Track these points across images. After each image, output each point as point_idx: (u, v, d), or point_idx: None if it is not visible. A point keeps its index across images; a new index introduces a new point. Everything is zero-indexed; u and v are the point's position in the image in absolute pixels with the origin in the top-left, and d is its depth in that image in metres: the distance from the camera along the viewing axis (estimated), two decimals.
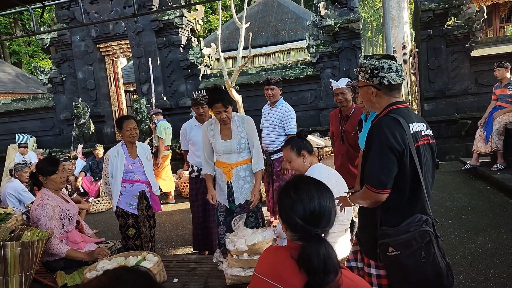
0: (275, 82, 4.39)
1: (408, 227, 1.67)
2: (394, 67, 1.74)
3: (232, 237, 2.42)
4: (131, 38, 9.14)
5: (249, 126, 3.14)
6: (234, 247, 2.32)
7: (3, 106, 10.49)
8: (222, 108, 2.98)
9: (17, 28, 23.31)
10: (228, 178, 3.14)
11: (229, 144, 3.10)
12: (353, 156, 3.53)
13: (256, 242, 2.28)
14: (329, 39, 8.37)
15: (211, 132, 3.18)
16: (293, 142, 2.61)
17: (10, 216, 2.60)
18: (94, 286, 0.55)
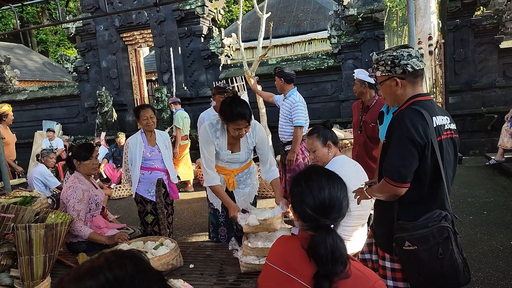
0: (277, 72, 4.34)
1: (426, 222, 1.64)
2: (414, 53, 1.71)
3: (244, 214, 2.44)
4: (153, 27, 9.23)
5: (261, 135, 2.77)
6: (246, 222, 2.33)
7: (31, 94, 10.85)
8: (245, 125, 2.53)
9: (44, 18, 23.92)
10: (232, 188, 2.84)
11: (237, 157, 2.77)
12: (370, 147, 3.50)
13: (267, 218, 2.27)
14: (351, 29, 8.22)
15: (216, 139, 2.71)
16: (319, 131, 2.58)
17: (35, 199, 2.72)
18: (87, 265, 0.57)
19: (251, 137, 2.75)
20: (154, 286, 0.56)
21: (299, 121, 4.15)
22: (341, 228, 2.31)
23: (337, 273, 1.13)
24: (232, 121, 2.53)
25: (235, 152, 2.76)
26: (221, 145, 2.73)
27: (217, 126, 2.71)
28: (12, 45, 18.83)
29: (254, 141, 2.76)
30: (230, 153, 2.75)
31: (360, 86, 3.47)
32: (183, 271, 2.46)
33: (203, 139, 2.73)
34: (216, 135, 2.70)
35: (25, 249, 2.14)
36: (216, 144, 2.72)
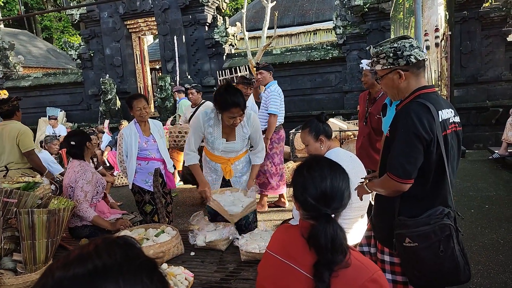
0: (263, 67, 4.56)
1: (429, 219, 1.61)
2: (415, 44, 1.66)
3: (196, 231, 2.61)
4: (157, 15, 9.17)
5: (255, 124, 2.83)
6: (194, 241, 2.55)
7: (35, 80, 10.86)
8: (239, 113, 2.59)
9: (49, 4, 23.80)
10: (229, 176, 2.91)
11: (232, 146, 2.82)
12: (374, 139, 3.49)
13: (213, 240, 2.50)
14: (357, 20, 8.13)
15: (209, 128, 2.77)
16: (312, 125, 2.55)
17: (38, 184, 2.73)
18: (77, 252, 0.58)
19: (246, 126, 2.79)
20: (144, 273, 0.56)
21: (272, 109, 4.35)
22: (340, 219, 2.31)
23: (337, 262, 1.13)
24: (226, 110, 2.56)
25: (230, 140, 2.80)
26: (215, 134, 2.77)
27: (210, 115, 2.74)
28: (16, 31, 18.78)
29: (248, 130, 2.81)
30: (225, 141, 2.79)
31: (372, 77, 3.44)
32: (184, 259, 2.48)
33: (193, 125, 2.82)
34: (209, 124, 2.75)
35: (28, 234, 2.16)
36: (210, 133, 2.77)
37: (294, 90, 8.79)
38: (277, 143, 4.61)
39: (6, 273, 2.13)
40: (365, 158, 3.17)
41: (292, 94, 8.70)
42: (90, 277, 0.52)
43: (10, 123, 3.56)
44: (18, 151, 3.54)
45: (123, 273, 0.54)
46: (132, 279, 0.54)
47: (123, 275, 0.54)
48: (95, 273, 0.53)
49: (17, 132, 3.51)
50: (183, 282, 2.07)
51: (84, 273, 0.53)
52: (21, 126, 3.63)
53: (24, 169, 3.58)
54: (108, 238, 0.61)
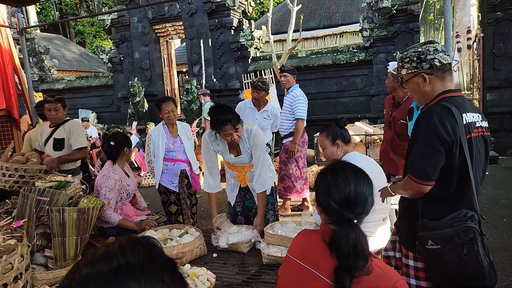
0: (288, 70, 4.56)
1: (452, 222, 1.60)
2: (440, 48, 1.67)
3: (219, 233, 2.65)
4: (184, 19, 9.36)
5: (255, 142, 2.75)
6: (216, 243, 2.58)
7: (68, 83, 11.30)
8: (232, 130, 2.58)
9: (82, 9, 24.76)
10: (244, 184, 2.94)
11: (240, 160, 2.85)
12: (397, 144, 3.42)
13: (235, 242, 2.53)
14: (384, 22, 8.00)
15: (217, 147, 2.83)
16: (330, 129, 2.56)
17: (69, 184, 2.85)
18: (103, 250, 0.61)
19: (247, 142, 2.78)
20: (165, 273, 0.58)
21: (300, 114, 4.34)
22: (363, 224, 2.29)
23: (358, 268, 1.12)
24: (219, 128, 2.61)
25: (237, 156, 2.84)
26: (223, 151, 2.83)
27: (215, 135, 2.78)
28: (51, 35, 19.63)
29: (250, 146, 2.78)
30: (233, 156, 2.84)
31: (393, 81, 3.39)
32: (207, 260, 2.51)
33: (203, 147, 2.87)
34: (216, 143, 2.82)
35: (59, 231, 2.26)
36: (218, 150, 2.85)
37: (319, 93, 8.73)
38: (301, 147, 4.60)
39: (38, 268, 2.24)
40: (386, 162, 3.13)
41: (317, 97, 8.65)
42: (115, 274, 0.55)
43: None
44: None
45: (145, 271, 0.56)
46: (154, 278, 0.57)
47: (145, 274, 0.56)
48: (119, 271, 0.55)
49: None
50: (205, 283, 2.10)
51: (109, 270, 0.55)
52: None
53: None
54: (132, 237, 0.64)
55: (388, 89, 3.49)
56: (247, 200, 3.09)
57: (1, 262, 1.74)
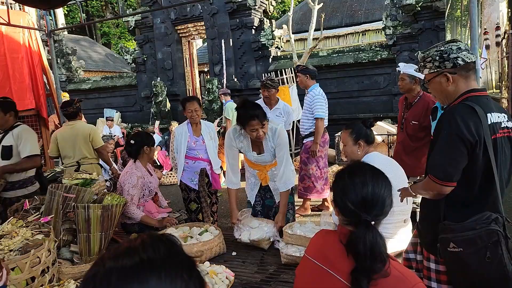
0: (300, 70, 4.54)
1: (474, 224, 1.57)
2: (463, 46, 1.63)
3: (241, 225, 2.70)
4: (206, 19, 9.45)
5: (279, 141, 2.76)
6: (239, 236, 2.63)
7: (94, 83, 11.63)
8: (259, 125, 2.60)
9: (107, 11, 25.38)
10: (265, 182, 2.96)
11: (262, 158, 2.86)
12: (409, 145, 3.38)
13: (255, 239, 2.57)
14: (408, 19, 7.82)
15: (240, 143, 2.86)
16: (355, 127, 2.54)
17: (94, 181, 2.94)
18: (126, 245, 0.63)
19: (271, 141, 2.79)
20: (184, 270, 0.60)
21: (319, 113, 4.32)
22: (382, 226, 2.26)
23: (375, 270, 1.12)
24: (246, 124, 2.63)
25: (260, 153, 2.86)
26: (246, 148, 2.86)
27: (240, 131, 2.81)
28: (78, 37, 20.22)
29: (274, 144, 2.79)
30: (255, 154, 2.86)
31: (410, 82, 3.33)
32: (226, 258, 2.55)
33: (226, 143, 2.90)
34: (240, 139, 2.85)
35: (84, 227, 2.34)
36: (241, 147, 2.88)
37: (340, 92, 8.64)
38: (322, 146, 4.57)
39: (64, 262, 2.32)
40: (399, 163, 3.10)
41: (338, 97, 8.56)
42: (136, 269, 0.58)
43: (77, 123, 3.86)
44: (90, 148, 3.84)
45: (165, 267, 0.59)
46: (173, 274, 0.59)
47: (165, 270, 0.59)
48: (141, 266, 0.58)
49: (89, 131, 3.83)
50: (224, 280, 2.13)
51: (131, 265, 0.58)
52: (90, 125, 3.97)
53: (95, 164, 3.91)
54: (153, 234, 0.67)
55: (403, 90, 3.43)
56: (267, 199, 3.10)
57: (29, 256, 1.82)
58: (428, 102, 3.30)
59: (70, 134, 3.81)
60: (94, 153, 3.88)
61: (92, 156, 3.86)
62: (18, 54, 4.67)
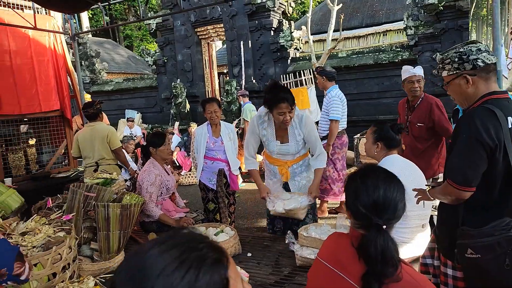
0: (318, 71, 4.51)
1: (493, 230, 1.53)
2: (483, 47, 1.59)
3: (273, 198, 2.65)
4: (225, 21, 9.53)
5: (308, 126, 2.77)
6: (273, 207, 2.58)
7: (116, 85, 11.90)
8: (288, 109, 2.59)
9: (130, 14, 25.92)
10: (286, 179, 2.91)
11: (286, 148, 2.82)
12: (416, 147, 3.34)
13: (292, 208, 2.52)
14: (430, 19, 7.66)
15: (263, 131, 2.84)
16: (379, 128, 2.51)
17: (114, 181, 3.03)
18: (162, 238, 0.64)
19: (298, 128, 2.78)
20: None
21: (334, 115, 4.27)
22: (399, 230, 2.23)
23: (387, 274, 1.11)
24: (274, 106, 2.60)
25: (284, 143, 2.82)
26: (269, 137, 2.82)
27: (264, 118, 2.82)
28: (102, 40, 20.73)
29: (302, 132, 2.78)
30: (279, 143, 2.82)
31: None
32: (241, 259, 2.57)
33: (249, 129, 2.93)
34: (263, 126, 2.83)
35: (104, 225, 2.41)
36: (264, 135, 2.84)
37: (360, 93, 8.54)
38: (339, 149, 4.53)
39: (85, 259, 2.39)
40: None
41: (357, 98, 8.46)
42: None
43: (98, 124, 3.97)
44: (108, 149, 3.93)
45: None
46: None
47: None
48: None
49: (107, 132, 3.91)
50: None
51: None
52: (109, 127, 4.04)
53: (113, 165, 3.99)
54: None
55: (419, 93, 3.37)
56: None
57: (51, 253, 1.89)
58: (431, 103, 3.31)
59: (89, 135, 3.91)
60: (111, 154, 3.97)
61: (110, 157, 3.95)
62: (44, 57, 4.83)
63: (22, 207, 2.72)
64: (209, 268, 0.58)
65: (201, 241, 0.62)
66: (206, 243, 0.62)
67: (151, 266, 0.56)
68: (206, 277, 0.57)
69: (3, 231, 2.05)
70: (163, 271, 0.55)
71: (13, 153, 4.49)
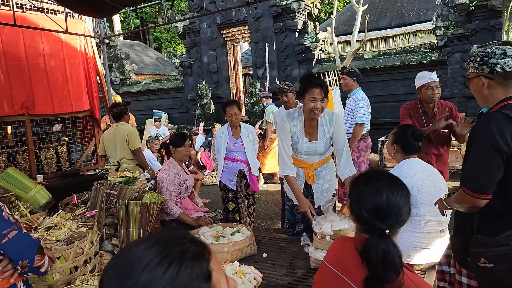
0: (347, 72, 4.42)
1: (508, 240, 1.48)
2: (510, 52, 1.52)
3: (320, 219, 2.49)
4: (250, 23, 9.60)
5: (338, 124, 2.70)
6: (320, 229, 2.39)
7: (144, 86, 12.23)
8: (320, 95, 2.51)
9: (160, 17, 26.55)
10: (312, 181, 2.81)
11: (314, 146, 2.72)
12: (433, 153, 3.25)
13: (341, 229, 2.33)
14: (461, 19, 7.42)
15: (294, 128, 2.72)
16: (401, 130, 2.47)
17: (136, 179, 3.14)
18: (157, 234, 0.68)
19: (327, 125, 2.71)
20: None
21: (360, 118, 4.18)
22: (415, 235, 2.19)
23: (388, 279, 1.11)
24: (307, 91, 2.54)
25: (312, 140, 2.73)
26: (298, 133, 2.73)
27: (294, 115, 2.74)
28: (133, 42, 21.36)
29: (331, 129, 2.70)
30: (307, 141, 2.73)
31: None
32: (256, 259, 2.59)
33: (280, 127, 2.78)
34: (294, 123, 2.72)
35: (124, 222, 2.50)
36: (294, 132, 2.72)
37: (385, 96, 8.37)
38: (364, 151, 4.49)
39: (106, 254, 2.50)
40: None
41: (383, 100, 8.30)
42: None
43: (121, 125, 4.11)
44: (128, 149, 4.05)
45: None
46: None
47: None
48: None
49: (127, 133, 4.02)
50: (251, 281, 2.18)
51: None
52: (130, 127, 4.14)
53: (133, 165, 4.09)
54: None
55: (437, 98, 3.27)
56: None
57: (73, 247, 1.99)
58: (451, 107, 3.29)
59: (113, 135, 4.06)
60: (131, 155, 4.06)
61: (130, 157, 4.05)
62: (75, 59, 5.06)
63: (49, 202, 2.87)
64: (191, 262, 0.61)
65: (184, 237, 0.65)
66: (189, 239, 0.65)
67: (135, 262, 0.59)
68: (188, 270, 0.60)
69: (31, 225, 2.17)
70: (146, 267, 0.58)
71: (45, 151, 4.72)
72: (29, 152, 4.55)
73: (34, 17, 4.63)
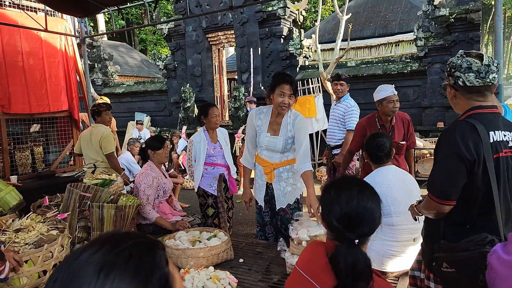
0: (345, 78, 4.48)
1: (468, 245, 1.51)
2: (476, 67, 1.55)
3: (297, 225, 2.49)
4: (236, 28, 9.61)
5: (300, 125, 2.79)
6: (296, 235, 2.40)
7: (127, 87, 12.08)
8: (289, 92, 2.66)
9: (145, 19, 26.34)
10: (269, 179, 2.91)
11: (274, 141, 2.83)
12: (397, 163, 3.34)
13: (318, 234, 2.33)
14: (441, 31, 7.62)
15: (258, 121, 2.91)
16: (367, 142, 2.53)
17: (113, 182, 3.07)
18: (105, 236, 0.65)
19: (290, 124, 2.82)
20: None
21: (352, 125, 4.20)
22: (389, 243, 2.22)
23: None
24: (278, 85, 2.69)
25: (274, 135, 2.85)
26: (262, 127, 2.89)
27: (263, 110, 2.93)
28: (117, 43, 21.07)
29: (293, 128, 2.81)
30: (269, 135, 2.85)
31: None
32: (233, 264, 2.57)
33: (248, 123, 3.01)
34: (260, 117, 2.91)
35: (98, 225, 2.45)
36: (258, 126, 2.91)
37: (367, 103, 8.46)
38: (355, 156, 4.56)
39: None
40: None
41: (366, 108, 8.36)
42: None
43: (98, 127, 4.03)
44: (101, 152, 3.96)
45: None
46: None
47: None
48: None
49: (100, 136, 3.93)
50: (226, 286, 2.16)
51: None
52: (105, 130, 4.02)
53: (109, 168, 3.99)
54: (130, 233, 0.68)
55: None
56: (272, 205, 3.03)
57: (42, 251, 1.93)
58: (408, 119, 3.43)
59: (88, 136, 3.99)
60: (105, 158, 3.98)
61: (104, 160, 3.97)
62: (55, 59, 4.95)
63: (20, 204, 2.78)
64: (147, 250, 0.61)
65: (133, 235, 0.64)
66: (137, 235, 0.64)
67: (82, 274, 0.56)
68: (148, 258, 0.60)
69: None
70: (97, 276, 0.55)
71: (21, 151, 4.59)
72: (3, 152, 4.42)
73: (13, 14, 4.52)
